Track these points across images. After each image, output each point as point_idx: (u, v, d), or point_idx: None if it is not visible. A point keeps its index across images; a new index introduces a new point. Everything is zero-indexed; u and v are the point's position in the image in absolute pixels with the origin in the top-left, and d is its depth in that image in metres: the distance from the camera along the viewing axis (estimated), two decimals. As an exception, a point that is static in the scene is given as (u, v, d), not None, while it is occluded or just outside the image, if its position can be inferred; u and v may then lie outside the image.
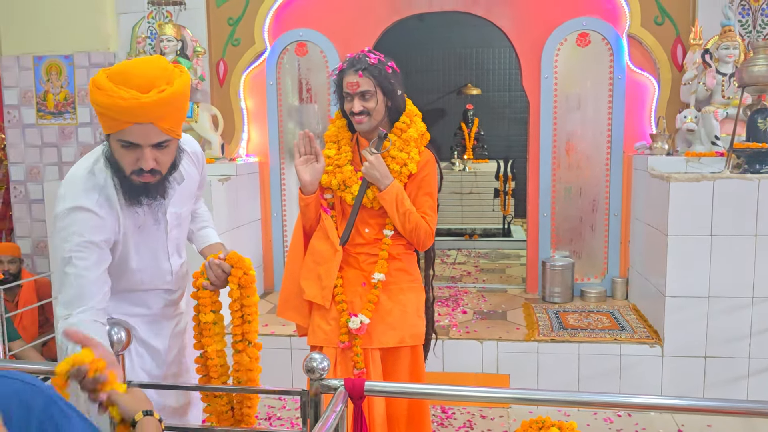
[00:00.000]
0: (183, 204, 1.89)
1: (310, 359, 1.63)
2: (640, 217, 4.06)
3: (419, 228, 2.21)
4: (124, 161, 1.63)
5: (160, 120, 1.57)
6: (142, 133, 1.57)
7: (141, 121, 1.55)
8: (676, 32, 4.15)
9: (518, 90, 8.95)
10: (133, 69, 1.57)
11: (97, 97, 1.55)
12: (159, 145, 1.62)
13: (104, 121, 1.60)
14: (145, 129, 1.57)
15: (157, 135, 1.59)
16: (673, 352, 3.47)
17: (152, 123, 1.56)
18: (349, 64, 2.22)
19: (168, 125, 1.60)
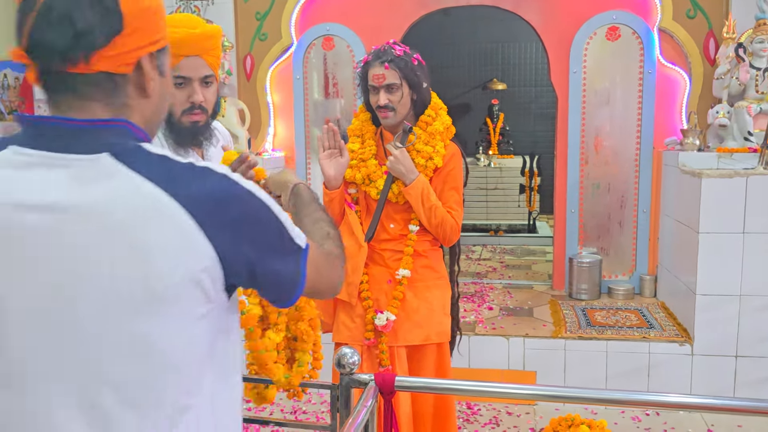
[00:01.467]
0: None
1: (340, 354, 1.63)
2: (669, 213, 4.00)
3: (445, 223, 2.19)
4: (176, 101, 1.77)
5: (206, 52, 1.76)
6: (192, 66, 1.75)
7: (191, 53, 1.73)
8: (708, 26, 4.08)
9: (544, 85, 8.89)
10: (175, 16, 1.79)
11: None
12: (205, 81, 1.78)
13: None
14: (194, 61, 1.75)
15: (204, 68, 1.77)
16: (703, 351, 3.42)
17: (199, 56, 1.75)
18: (375, 56, 2.20)
19: (212, 60, 1.78)
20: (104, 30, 0.84)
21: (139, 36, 0.88)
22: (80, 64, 0.84)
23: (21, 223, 0.84)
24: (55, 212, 0.83)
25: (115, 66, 0.87)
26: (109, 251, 0.83)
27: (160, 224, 0.84)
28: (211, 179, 0.89)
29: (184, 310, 0.87)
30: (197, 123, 1.81)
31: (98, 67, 0.86)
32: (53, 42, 0.83)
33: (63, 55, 0.84)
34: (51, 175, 0.84)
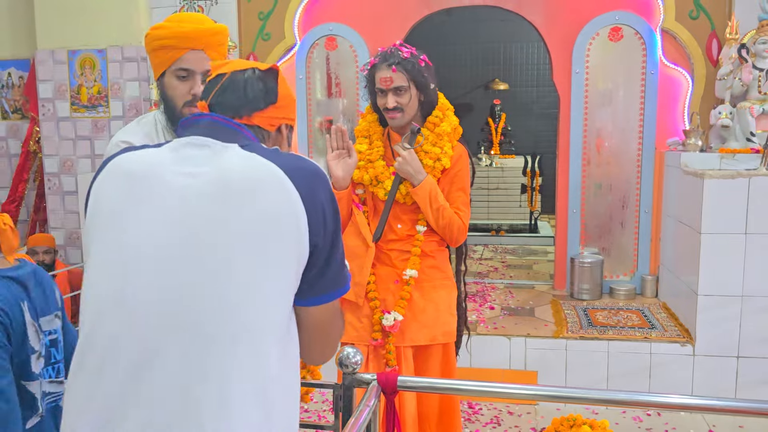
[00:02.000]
0: None
1: (343, 353, 1.64)
2: (671, 214, 4.00)
3: (452, 224, 2.20)
4: (178, 93, 1.81)
5: (210, 48, 1.80)
6: (196, 59, 1.79)
7: (196, 47, 1.78)
8: (711, 27, 4.08)
9: (546, 85, 8.89)
10: (183, 14, 1.87)
11: (159, 33, 1.79)
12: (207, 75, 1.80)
13: (162, 54, 1.80)
14: (199, 55, 1.79)
15: (207, 62, 1.80)
16: (704, 352, 3.43)
17: (204, 50, 1.79)
18: (382, 58, 2.20)
19: (215, 56, 1.82)
20: (266, 100, 1.25)
21: (284, 110, 1.29)
22: (245, 117, 1.24)
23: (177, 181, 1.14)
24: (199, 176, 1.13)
25: (267, 124, 1.26)
26: (237, 207, 1.10)
27: (273, 187, 1.11)
28: (305, 160, 1.20)
29: (291, 262, 1.12)
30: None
31: (255, 122, 1.24)
32: (231, 101, 1.24)
33: (235, 110, 1.23)
34: (199, 152, 1.16)
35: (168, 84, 1.82)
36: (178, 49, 1.78)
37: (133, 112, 4.60)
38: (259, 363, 1.09)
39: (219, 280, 1.07)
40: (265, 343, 1.10)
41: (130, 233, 1.12)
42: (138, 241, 1.11)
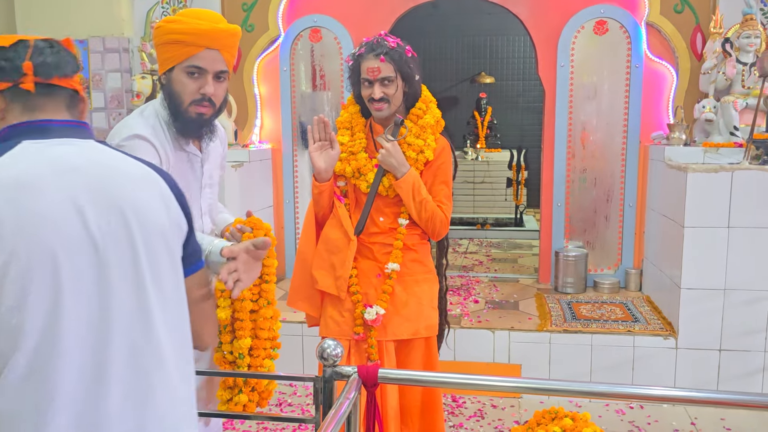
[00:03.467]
0: (214, 166, 2.00)
1: (323, 345, 1.62)
2: (655, 207, 4.01)
3: (435, 217, 2.18)
4: (187, 90, 1.78)
5: (225, 49, 1.78)
6: (211, 59, 1.76)
7: (212, 47, 1.75)
8: (696, 20, 4.09)
9: (532, 79, 8.89)
10: (199, 11, 1.82)
11: (174, 27, 1.75)
12: (218, 76, 1.79)
13: (175, 49, 1.76)
14: (214, 55, 1.76)
15: (221, 63, 1.78)
16: (687, 345, 3.44)
17: (219, 50, 1.77)
18: (369, 48, 2.16)
19: (228, 57, 1.80)
20: (75, 66, 1.23)
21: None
22: (69, 78, 1.21)
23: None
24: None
25: (81, 90, 1.24)
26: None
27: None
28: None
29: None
30: (203, 115, 1.82)
31: (76, 86, 1.22)
32: (56, 62, 1.19)
33: (62, 71, 1.19)
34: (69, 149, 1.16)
35: (176, 79, 1.79)
36: (194, 45, 1.76)
37: (114, 104, 4.54)
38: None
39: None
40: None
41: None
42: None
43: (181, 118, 1.80)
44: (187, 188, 1.87)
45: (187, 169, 1.90)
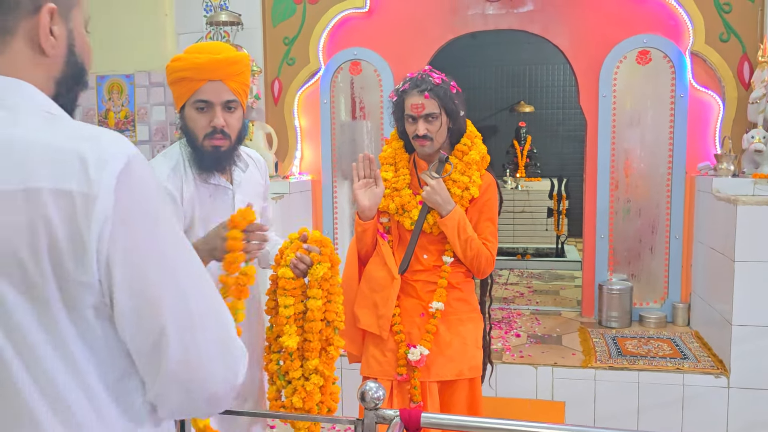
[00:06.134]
0: (249, 195, 2.00)
1: (364, 387, 1.59)
2: (703, 240, 3.90)
3: (480, 255, 2.15)
4: (198, 125, 1.81)
5: (228, 78, 1.78)
6: (214, 90, 1.78)
7: (214, 78, 1.77)
8: (742, 49, 4.00)
9: (572, 107, 8.82)
10: (203, 44, 1.86)
11: (177, 65, 1.78)
12: (228, 106, 1.82)
13: (181, 86, 1.79)
14: (217, 86, 1.78)
15: (227, 93, 1.80)
16: (740, 384, 3.31)
17: (222, 81, 1.78)
18: (413, 84, 2.15)
19: (235, 86, 1.81)
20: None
21: None
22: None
23: None
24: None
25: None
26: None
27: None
28: None
29: None
30: (219, 148, 1.83)
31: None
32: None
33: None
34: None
35: (188, 116, 1.83)
36: (196, 80, 1.78)
37: (159, 136, 4.64)
38: None
39: None
40: None
41: None
42: None
43: (199, 152, 1.84)
44: (209, 220, 1.88)
45: (213, 201, 1.92)
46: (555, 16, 4.27)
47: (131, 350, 0.88)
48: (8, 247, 0.79)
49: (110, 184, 0.81)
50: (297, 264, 1.79)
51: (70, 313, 0.83)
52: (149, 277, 0.85)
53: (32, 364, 0.82)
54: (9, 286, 0.80)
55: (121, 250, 0.82)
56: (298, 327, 1.80)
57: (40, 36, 0.88)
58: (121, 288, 0.83)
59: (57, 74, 0.93)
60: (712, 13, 4.01)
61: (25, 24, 0.87)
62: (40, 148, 0.81)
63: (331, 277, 1.83)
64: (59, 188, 0.79)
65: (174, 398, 0.91)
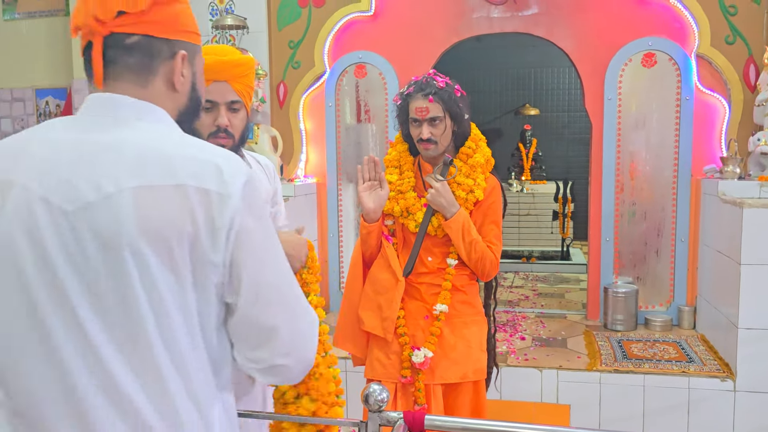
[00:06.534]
0: None
1: (368, 390, 1.60)
2: (709, 243, 3.89)
3: (485, 258, 2.15)
4: (203, 124, 1.84)
5: (233, 79, 1.83)
6: (219, 91, 1.82)
7: (219, 79, 1.80)
8: (748, 52, 3.99)
9: (578, 110, 8.80)
10: (210, 46, 1.86)
11: None
12: (232, 107, 1.85)
13: None
14: (222, 87, 1.82)
15: (231, 93, 1.84)
16: (746, 388, 3.29)
17: (227, 81, 1.82)
18: (417, 88, 2.16)
19: (239, 87, 1.85)
20: None
21: None
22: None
23: None
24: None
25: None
26: None
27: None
28: None
29: None
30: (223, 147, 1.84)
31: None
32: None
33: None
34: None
35: None
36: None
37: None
38: None
39: None
40: None
41: None
42: None
43: None
44: None
45: None
46: (560, 19, 4.27)
47: (243, 324, 1.11)
48: (161, 229, 1.01)
49: (239, 189, 1.06)
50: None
51: (196, 287, 1.06)
52: (263, 259, 1.12)
53: (163, 320, 1.03)
54: (157, 258, 1.01)
55: (245, 233, 1.07)
56: None
57: (174, 76, 1.14)
58: (245, 264, 1.08)
59: (181, 106, 1.19)
60: (717, 15, 4.00)
61: (164, 67, 1.13)
62: (183, 156, 1.05)
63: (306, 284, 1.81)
64: (201, 187, 1.03)
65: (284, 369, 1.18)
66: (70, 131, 1.08)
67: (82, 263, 1.00)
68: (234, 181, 1.06)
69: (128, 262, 1.00)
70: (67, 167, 1.02)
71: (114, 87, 1.11)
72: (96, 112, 1.10)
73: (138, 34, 1.10)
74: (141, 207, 1.00)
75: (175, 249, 1.02)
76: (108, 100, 1.10)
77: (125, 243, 0.99)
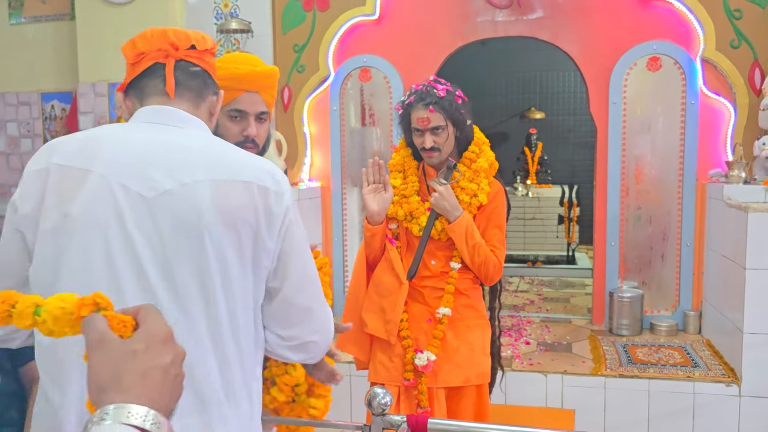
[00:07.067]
0: None
1: (372, 393, 1.60)
2: (714, 247, 3.88)
3: (488, 262, 2.15)
4: (230, 133, 1.83)
5: (264, 90, 1.84)
6: (250, 101, 1.82)
7: (251, 89, 1.81)
8: (753, 56, 3.98)
9: (583, 114, 8.78)
10: (238, 55, 1.91)
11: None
12: (260, 117, 1.86)
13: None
14: (253, 97, 1.82)
15: (261, 104, 1.84)
16: (751, 393, 3.28)
17: (258, 92, 1.82)
18: (418, 97, 2.17)
19: (268, 98, 1.86)
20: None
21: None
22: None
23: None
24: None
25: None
26: None
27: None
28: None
29: None
30: None
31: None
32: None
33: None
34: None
35: (220, 124, 1.84)
36: (234, 90, 1.81)
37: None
38: None
39: None
40: None
41: None
42: None
43: None
44: None
45: None
46: (565, 22, 4.26)
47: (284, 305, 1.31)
48: (232, 216, 1.19)
49: (288, 190, 1.30)
50: None
51: (254, 270, 1.25)
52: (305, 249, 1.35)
53: (229, 295, 1.20)
54: (228, 240, 1.19)
55: (293, 225, 1.30)
56: None
57: (215, 108, 1.39)
58: (291, 253, 1.30)
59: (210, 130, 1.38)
60: (722, 19, 3.99)
61: (209, 98, 1.37)
62: (242, 160, 1.26)
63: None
64: (262, 185, 1.24)
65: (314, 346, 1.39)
66: (141, 132, 1.25)
67: (158, 243, 1.15)
68: (284, 183, 1.30)
69: (206, 241, 1.16)
70: (142, 160, 1.18)
71: (174, 103, 1.30)
72: (160, 119, 1.28)
73: (199, 66, 1.35)
74: (216, 196, 1.18)
75: (242, 234, 1.20)
76: (173, 111, 1.29)
77: (204, 224, 1.16)
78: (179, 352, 0.77)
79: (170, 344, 0.77)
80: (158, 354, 0.74)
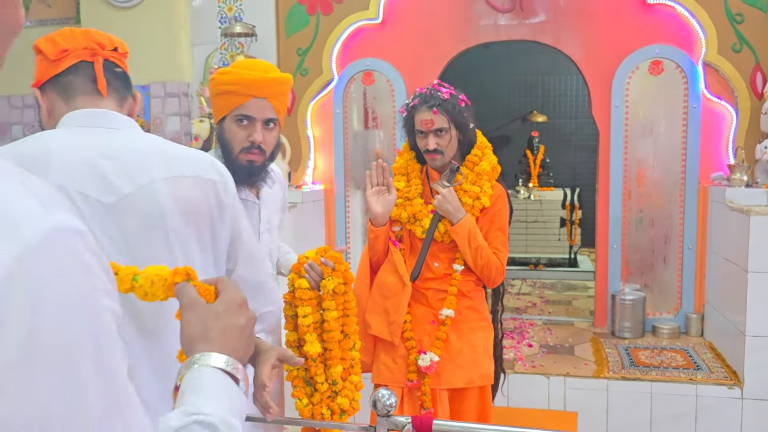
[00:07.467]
0: (271, 210, 2.03)
1: (377, 394, 1.61)
2: (716, 251, 3.89)
3: (491, 264, 2.17)
4: (236, 138, 1.83)
5: (273, 97, 1.83)
6: (258, 107, 1.82)
7: (259, 95, 1.81)
8: (755, 60, 4.00)
9: (585, 117, 8.77)
10: (251, 61, 1.90)
11: (225, 78, 1.84)
12: (268, 124, 1.85)
13: (225, 99, 1.84)
14: (261, 103, 1.81)
15: (269, 111, 1.84)
16: (754, 395, 3.29)
17: (266, 99, 1.82)
18: (422, 100, 2.19)
19: (277, 104, 1.86)
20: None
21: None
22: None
23: None
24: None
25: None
26: None
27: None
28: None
29: None
30: (253, 163, 1.85)
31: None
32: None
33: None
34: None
35: (227, 128, 1.85)
36: (241, 95, 1.82)
37: (174, 146, 4.69)
38: None
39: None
40: None
41: None
42: None
43: (233, 165, 1.83)
44: None
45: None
46: (567, 26, 4.28)
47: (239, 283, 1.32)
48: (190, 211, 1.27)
49: (230, 179, 1.37)
50: (308, 270, 1.80)
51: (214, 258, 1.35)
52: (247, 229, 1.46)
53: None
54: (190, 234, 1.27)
55: (237, 210, 1.39)
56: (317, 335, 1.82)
57: (134, 109, 1.43)
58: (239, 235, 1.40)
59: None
60: (724, 23, 4.01)
61: (129, 99, 1.41)
62: (187, 155, 1.33)
63: (345, 293, 1.83)
64: (209, 177, 1.32)
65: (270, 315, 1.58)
66: (84, 137, 1.26)
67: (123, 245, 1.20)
68: (225, 173, 1.37)
69: (171, 238, 1.23)
70: (96, 166, 1.21)
71: (104, 103, 1.33)
72: (94, 122, 1.29)
73: (121, 68, 1.40)
74: (174, 193, 1.23)
75: (201, 226, 1.29)
76: (107, 114, 1.32)
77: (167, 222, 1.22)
78: (251, 317, 0.96)
79: (245, 309, 0.95)
80: (236, 315, 0.92)
